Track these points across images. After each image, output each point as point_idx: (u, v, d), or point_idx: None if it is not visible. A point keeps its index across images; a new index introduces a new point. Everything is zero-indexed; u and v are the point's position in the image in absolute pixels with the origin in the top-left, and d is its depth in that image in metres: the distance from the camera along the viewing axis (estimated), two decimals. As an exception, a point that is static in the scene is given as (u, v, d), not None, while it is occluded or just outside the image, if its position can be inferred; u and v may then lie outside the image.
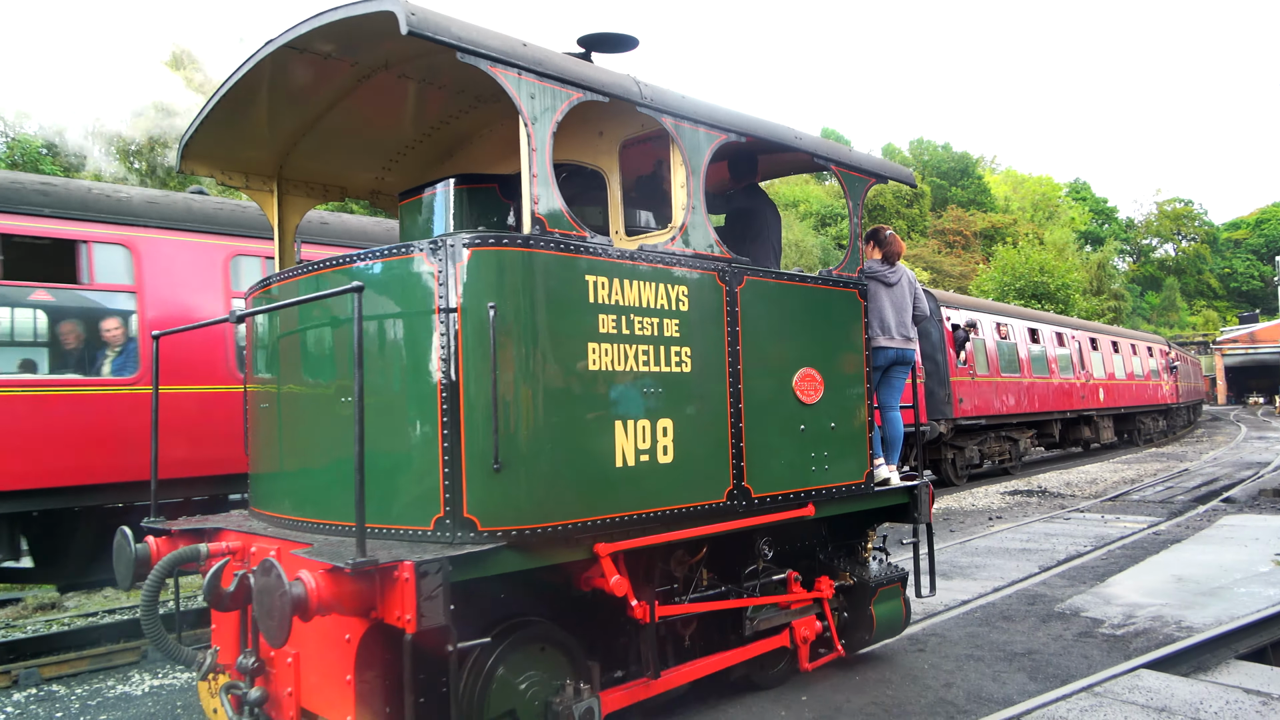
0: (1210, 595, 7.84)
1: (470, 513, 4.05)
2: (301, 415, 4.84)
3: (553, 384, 4.27)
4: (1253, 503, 13.91)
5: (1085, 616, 7.40)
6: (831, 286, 5.95)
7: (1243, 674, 5.98)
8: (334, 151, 6.12)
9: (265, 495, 5.23)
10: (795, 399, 5.53)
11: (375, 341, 4.35)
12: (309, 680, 4.29)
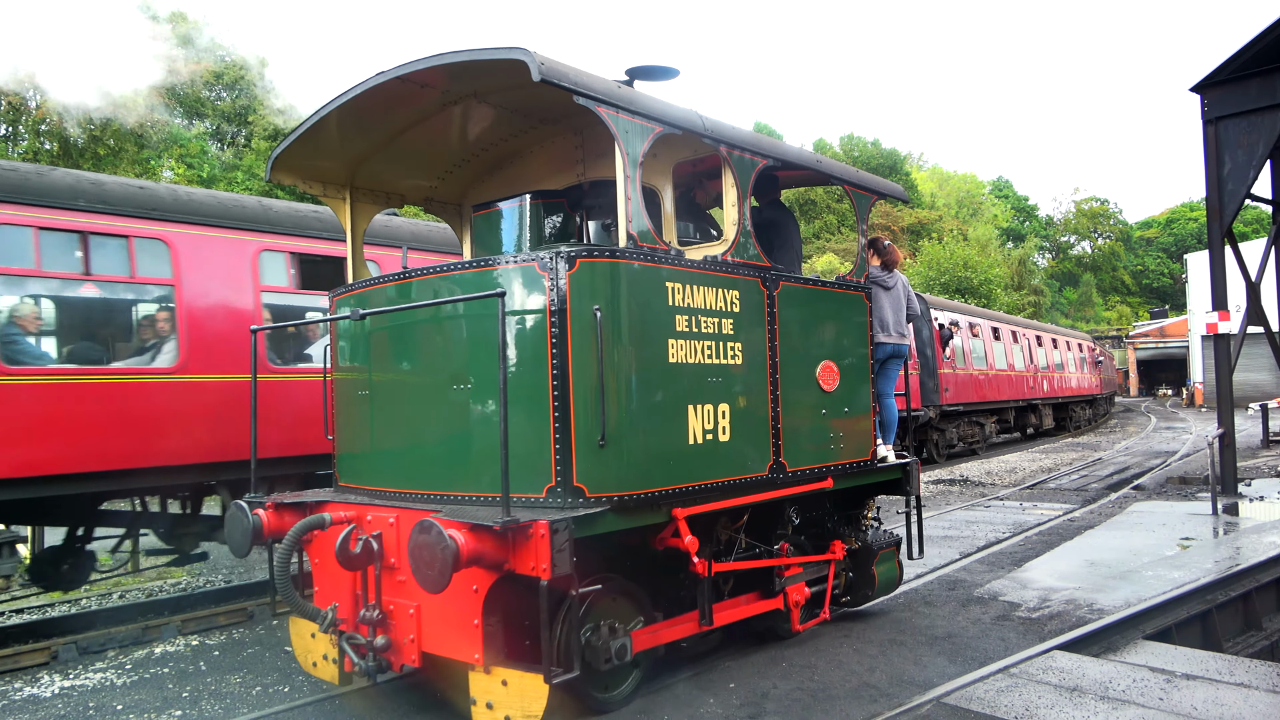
0: (1120, 579, 8.15)
1: (579, 481, 4.83)
2: (410, 401, 5.49)
3: (643, 373, 5.10)
4: (1161, 490, 14.51)
5: (1003, 601, 7.62)
6: (844, 290, 6.91)
7: (1149, 653, 6.23)
8: (399, 164, 6.83)
9: (362, 471, 5.89)
10: (819, 387, 6.44)
11: (491, 341, 4.89)
12: (430, 627, 4.96)
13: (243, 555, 5.76)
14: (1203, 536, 9.99)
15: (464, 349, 5.27)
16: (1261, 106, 12.55)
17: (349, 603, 5.37)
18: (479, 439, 5.08)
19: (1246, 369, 32.99)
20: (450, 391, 5.22)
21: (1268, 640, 7.75)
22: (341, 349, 6.20)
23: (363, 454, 5.90)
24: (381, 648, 5.10)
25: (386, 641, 5.10)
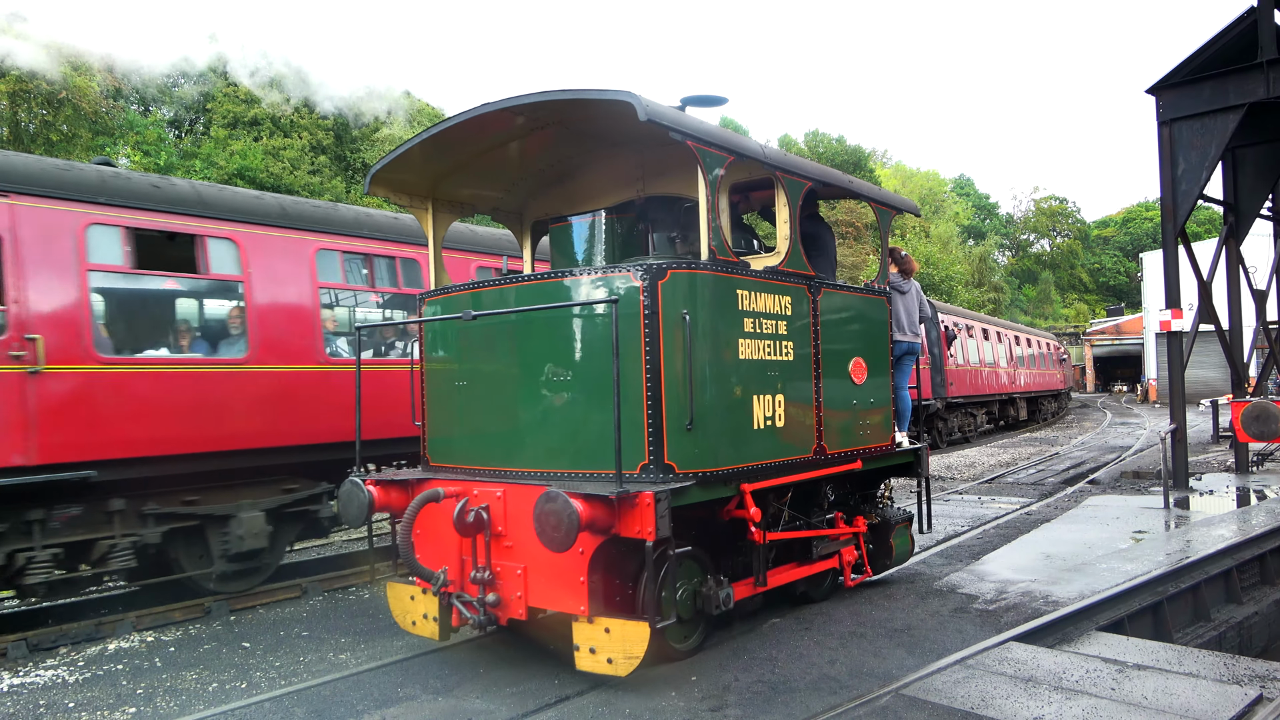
0: (1075, 571, 8.30)
1: (670, 459, 5.61)
2: (510, 391, 6.22)
3: (720, 367, 5.91)
4: (1115, 484, 14.81)
5: (961, 593, 7.73)
6: (871, 295, 7.78)
7: (1102, 644, 6.36)
8: (474, 178, 7.64)
9: (457, 452, 6.59)
10: (851, 380, 7.31)
11: (595, 338, 5.82)
12: (536, 585, 5.76)
13: (359, 526, 6.67)
14: (1155, 530, 10.20)
15: (565, 345, 5.98)
16: (1214, 109, 12.82)
17: (455, 566, 6.13)
18: (575, 424, 5.89)
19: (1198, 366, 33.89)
20: (550, 382, 5.98)
21: (1216, 631, 7.94)
22: (437, 344, 6.88)
23: (459, 437, 6.60)
24: (492, 604, 5.88)
25: (496, 598, 5.89)
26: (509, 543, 5.89)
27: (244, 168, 34.48)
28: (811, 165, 7.23)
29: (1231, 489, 13.23)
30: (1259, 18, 12.36)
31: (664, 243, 7.29)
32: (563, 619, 5.80)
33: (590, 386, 5.79)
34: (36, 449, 7.31)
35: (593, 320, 5.81)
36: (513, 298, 6.24)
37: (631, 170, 7.59)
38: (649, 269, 5.67)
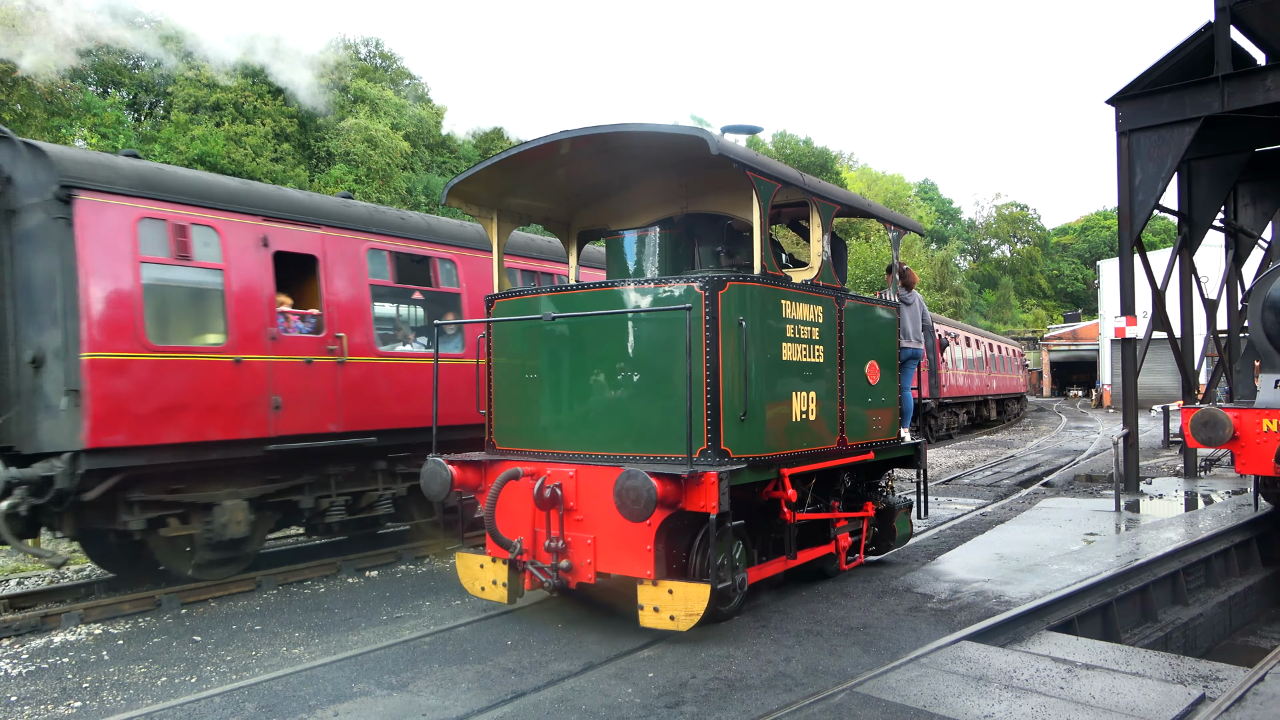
0: (1028, 572, 8.43)
1: (725, 445, 6.42)
2: (582, 383, 6.98)
3: (768, 367, 6.79)
4: (1069, 486, 15.07)
5: (916, 592, 7.82)
6: (883, 306, 8.74)
7: (1052, 644, 6.47)
8: (532, 192, 8.44)
9: (525, 437, 7.35)
10: (866, 381, 8.19)
11: (661, 338, 6.61)
12: (605, 553, 6.56)
13: (440, 501, 7.76)
14: (1106, 532, 10.40)
15: (633, 344, 6.79)
16: (1171, 121, 13.07)
17: (528, 537, 6.93)
18: (640, 413, 6.70)
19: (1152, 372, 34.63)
20: (618, 376, 6.79)
21: (1162, 632, 8.12)
22: (507, 342, 7.59)
23: (527, 424, 7.36)
24: (565, 569, 6.69)
25: (569, 564, 6.70)
26: (579, 516, 6.70)
27: (205, 153, 33.89)
28: (839, 191, 8.22)
29: (1180, 493, 13.53)
30: (1215, 33, 12.63)
31: (709, 256, 8.16)
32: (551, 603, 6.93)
33: (654, 380, 6.64)
34: (342, 420, 9.53)
35: (658, 323, 6.65)
36: (583, 302, 7.07)
37: (675, 189, 8.47)
38: (710, 281, 6.49)
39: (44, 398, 7.92)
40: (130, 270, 8.05)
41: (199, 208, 8.68)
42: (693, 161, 7.83)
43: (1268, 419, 9.93)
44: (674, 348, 6.46)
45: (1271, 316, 10.58)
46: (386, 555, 10.45)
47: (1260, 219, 17.25)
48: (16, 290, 8.16)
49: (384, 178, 41.15)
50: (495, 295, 7.80)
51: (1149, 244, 15.43)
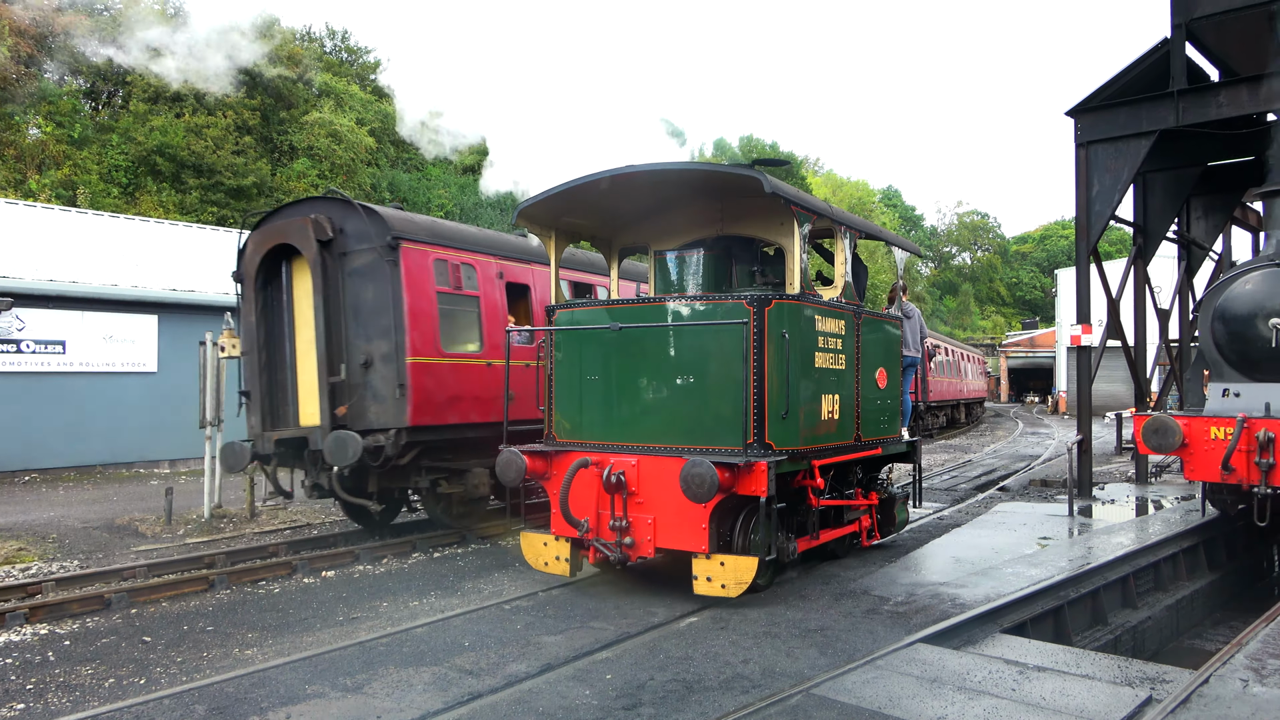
0: (983, 575, 8.54)
1: (769, 440, 7.41)
2: (642, 384, 7.96)
3: (805, 373, 7.81)
4: (1024, 491, 15.29)
5: (873, 595, 7.89)
6: (890, 320, 9.81)
7: (1005, 646, 6.56)
8: (584, 213, 9.38)
9: (584, 431, 8.30)
10: (876, 385, 9.24)
11: (717, 346, 7.59)
12: (664, 530, 7.55)
13: (515, 485, 8.33)
14: (1059, 536, 10.57)
15: (689, 350, 7.76)
16: (1128, 134, 13.32)
17: (593, 517, 7.86)
18: (695, 410, 7.69)
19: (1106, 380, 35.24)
20: (675, 378, 7.79)
21: (1112, 634, 8.26)
22: (568, 347, 8.49)
23: (587, 420, 8.29)
24: (628, 545, 7.66)
25: (631, 541, 7.65)
26: (640, 499, 7.68)
27: (164, 144, 33.27)
28: (859, 219, 9.41)
29: (1131, 499, 13.79)
30: (1171, 49, 12.90)
31: (745, 275, 9.23)
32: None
33: (706, 383, 7.65)
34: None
35: (712, 334, 7.61)
36: (641, 314, 8.09)
37: (713, 213, 9.38)
38: (758, 299, 7.46)
39: (372, 389, 10.41)
40: (430, 297, 10.68)
41: (464, 250, 11.39)
42: (729, 190, 8.95)
43: (1215, 427, 10.16)
44: (726, 355, 7.53)
45: (1220, 327, 10.82)
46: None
47: (1211, 231, 17.65)
48: (347, 312, 10.53)
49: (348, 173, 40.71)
50: (556, 305, 8.77)
51: (1105, 254, 15.72)
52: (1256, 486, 9.84)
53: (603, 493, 7.76)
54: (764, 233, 9.16)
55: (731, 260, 9.24)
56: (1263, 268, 10.66)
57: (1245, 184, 16.35)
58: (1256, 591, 11.26)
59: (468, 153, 50.41)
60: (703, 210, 9.36)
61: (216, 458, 13.07)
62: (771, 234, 9.13)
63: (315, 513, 13.72)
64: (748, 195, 8.59)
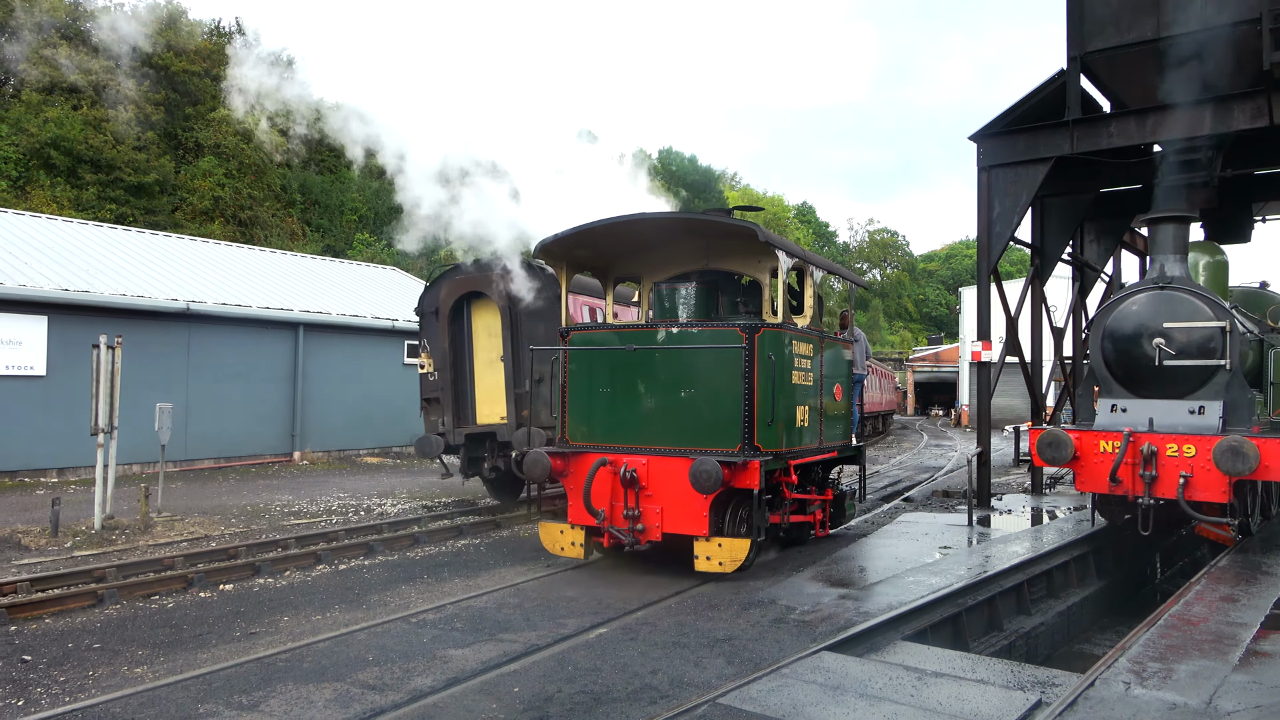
0: (886, 583, 8.75)
1: (758, 443, 8.79)
2: (649, 395, 9.36)
3: (784, 388, 9.22)
4: (927, 502, 15.76)
5: (781, 604, 8.00)
6: (844, 343, 11.53)
7: (906, 653, 6.73)
8: (587, 248, 10.56)
9: (596, 435, 9.63)
10: (834, 398, 10.90)
11: (715, 365, 9.03)
12: (670, 518, 8.90)
13: (542, 482, 9.56)
14: (959, 545, 10.91)
15: (690, 368, 9.19)
16: (1026, 160, 13.92)
17: (607, 508, 9.11)
18: (695, 418, 9.11)
19: (1005, 394, 36.70)
20: (680, 393, 9.22)
21: (1007, 640, 8.57)
22: (581, 363, 9.80)
23: (598, 425, 9.63)
24: (640, 531, 8.96)
25: (642, 528, 8.97)
26: (650, 492, 9.00)
27: (59, 137, 31.76)
28: (822, 259, 10.90)
29: (1027, 509, 14.34)
30: (1067, 81, 13.54)
31: (729, 305, 10.43)
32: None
33: (705, 394, 9.07)
34: None
35: (711, 354, 9.06)
36: (649, 337, 9.48)
37: (699, 250, 10.58)
38: (749, 326, 8.93)
39: (543, 398, 13.45)
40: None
41: (591, 297, 14.69)
42: (716, 232, 10.14)
43: (1104, 440, 10.66)
44: (723, 372, 8.95)
45: (1109, 346, 11.37)
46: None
47: (1103, 254, 18.55)
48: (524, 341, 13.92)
49: (257, 173, 39.54)
50: (570, 328, 10.10)
51: (1006, 273, 16.36)
52: (1141, 497, 10.37)
53: (617, 487, 9.06)
54: (743, 268, 10.61)
55: (718, 291, 10.41)
56: (1148, 290, 11.26)
57: (1134, 210, 17.22)
58: (1141, 597, 11.84)
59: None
60: (691, 247, 10.61)
61: (109, 466, 12.50)
62: (750, 269, 10.57)
63: (214, 524, 13.23)
64: (728, 236, 10.07)
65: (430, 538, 12.43)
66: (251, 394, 21.44)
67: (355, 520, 13.84)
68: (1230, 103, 12.11)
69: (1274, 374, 12.75)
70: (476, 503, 15.76)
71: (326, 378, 23.20)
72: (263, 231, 38.57)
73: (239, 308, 21.21)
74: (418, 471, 21.28)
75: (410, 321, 25.40)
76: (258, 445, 21.72)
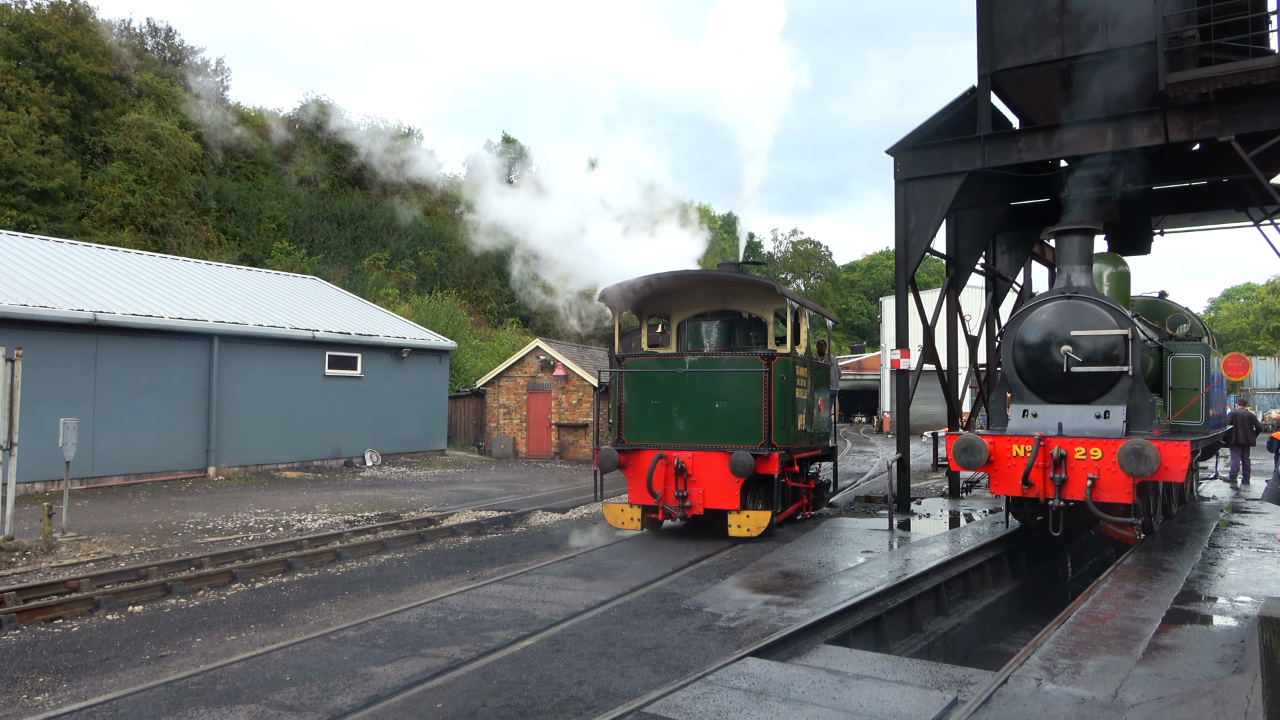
0: (809, 589, 8.89)
1: (773, 441, 11.67)
2: (692, 405, 12.11)
3: (791, 401, 12.31)
4: (849, 507, 16.04)
5: (707, 611, 8.05)
6: (824, 366, 14.36)
7: (828, 657, 6.84)
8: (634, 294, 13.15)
9: (646, 436, 12.30)
10: (818, 408, 13.86)
11: (743, 384, 11.86)
12: (711, 495, 11.79)
13: (609, 471, 12.26)
14: (880, 550, 11.15)
15: (723, 386, 12.00)
16: (941, 173, 14.36)
17: (661, 490, 11.94)
18: (727, 422, 11.88)
19: (924, 401, 37.67)
20: (714, 403, 11.99)
21: (926, 641, 8.78)
22: (638, 382, 12.50)
23: (650, 429, 12.32)
24: (688, 508, 11.81)
25: (690, 505, 11.81)
26: (695, 478, 11.85)
27: (-46, 140, 30.26)
28: (813, 304, 13.80)
29: (945, 513, 14.74)
30: (979, 97, 14.02)
31: (744, 338, 13.33)
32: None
33: (734, 405, 11.87)
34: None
35: (738, 375, 11.89)
36: (693, 363, 12.22)
37: (716, 294, 13.45)
38: (767, 355, 11.81)
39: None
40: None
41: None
42: (733, 281, 12.93)
43: (1017, 445, 11.03)
44: (748, 389, 11.80)
45: (1020, 353, 11.79)
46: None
47: (1015, 265, 19.24)
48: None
49: (169, 180, 38.29)
50: (624, 354, 12.85)
51: (924, 284, 16.81)
52: (1052, 499, 10.74)
53: (669, 475, 11.87)
54: (751, 308, 13.47)
55: (733, 326, 13.24)
56: (1055, 299, 11.72)
57: (1043, 222, 17.92)
58: (1053, 596, 12.25)
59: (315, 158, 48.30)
60: (709, 292, 13.48)
61: (9, 484, 11.92)
62: (755, 309, 13.43)
63: (123, 543, 12.71)
64: (741, 285, 13.00)
65: (353, 553, 12.17)
66: (163, 408, 20.67)
67: (273, 536, 13.47)
68: (1129, 121, 12.70)
69: (1173, 379, 13.38)
70: (401, 516, 15.49)
71: (243, 390, 22.52)
72: (176, 240, 37.33)
73: (150, 318, 20.45)
74: (339, 485, 20.81)
75: (331, 331, 24.86)
76: (170, 461, 20.94)
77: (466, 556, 12.06)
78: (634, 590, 8.93)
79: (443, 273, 49.22)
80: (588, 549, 11.58)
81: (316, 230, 45.34)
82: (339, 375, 25.29)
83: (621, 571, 9.88)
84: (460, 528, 14.47)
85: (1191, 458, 11.34)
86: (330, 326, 25.48)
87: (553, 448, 30.46)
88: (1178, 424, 13.08)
